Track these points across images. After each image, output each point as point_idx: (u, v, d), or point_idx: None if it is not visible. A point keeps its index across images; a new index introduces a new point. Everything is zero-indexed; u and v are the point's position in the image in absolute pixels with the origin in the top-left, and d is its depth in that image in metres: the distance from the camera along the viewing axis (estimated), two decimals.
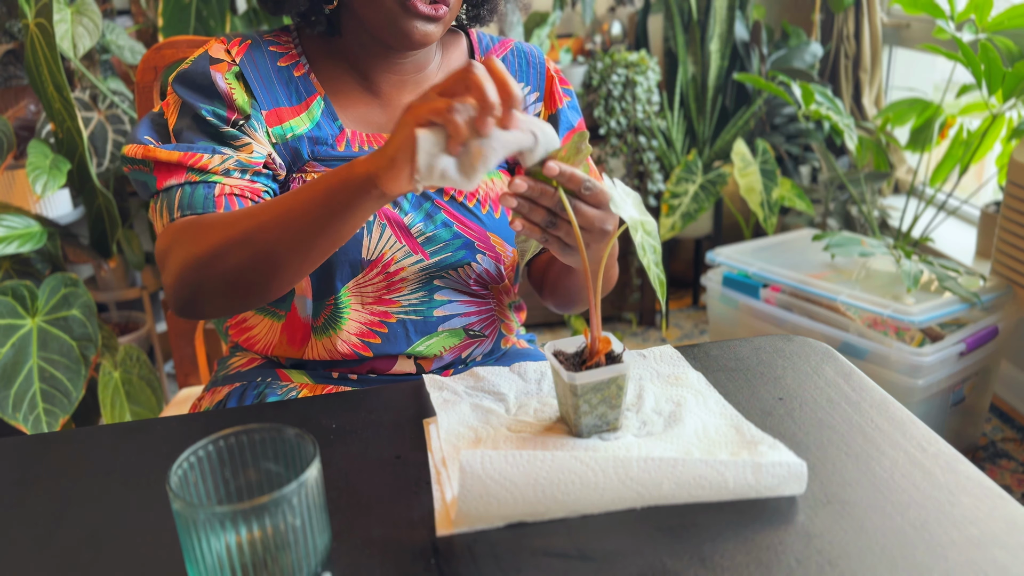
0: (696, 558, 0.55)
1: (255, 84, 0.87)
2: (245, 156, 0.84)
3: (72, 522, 0.63)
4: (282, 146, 0.88)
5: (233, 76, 0.86)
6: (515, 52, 0.99)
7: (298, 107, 0.89)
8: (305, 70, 0.90)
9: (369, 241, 0.87)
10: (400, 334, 0.91)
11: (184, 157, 0.82)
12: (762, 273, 1.96)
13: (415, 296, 0.91)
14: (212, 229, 0.75)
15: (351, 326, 0.90)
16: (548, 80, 0.99)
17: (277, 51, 0.90)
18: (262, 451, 0.59)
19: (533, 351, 1.05)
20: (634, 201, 0.68)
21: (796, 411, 0.72)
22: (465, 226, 0.90)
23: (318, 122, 0.89)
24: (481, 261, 0.91)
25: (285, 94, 0.89)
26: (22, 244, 1.62)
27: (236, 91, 0.86)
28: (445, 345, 0.93)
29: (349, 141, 0.89)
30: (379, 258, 0.87)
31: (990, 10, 1.92)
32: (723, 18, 2.53)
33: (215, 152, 0.83)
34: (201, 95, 0.85)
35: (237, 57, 0.87)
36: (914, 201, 2.46)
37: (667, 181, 2.48)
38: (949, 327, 1.74)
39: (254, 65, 0.88)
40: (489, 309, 0.96)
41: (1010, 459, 1.90)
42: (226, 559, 0.51)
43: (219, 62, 0.87)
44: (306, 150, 0.88)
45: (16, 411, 1.48)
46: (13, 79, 2.21)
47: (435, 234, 0.88)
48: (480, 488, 0.57)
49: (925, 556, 0.54)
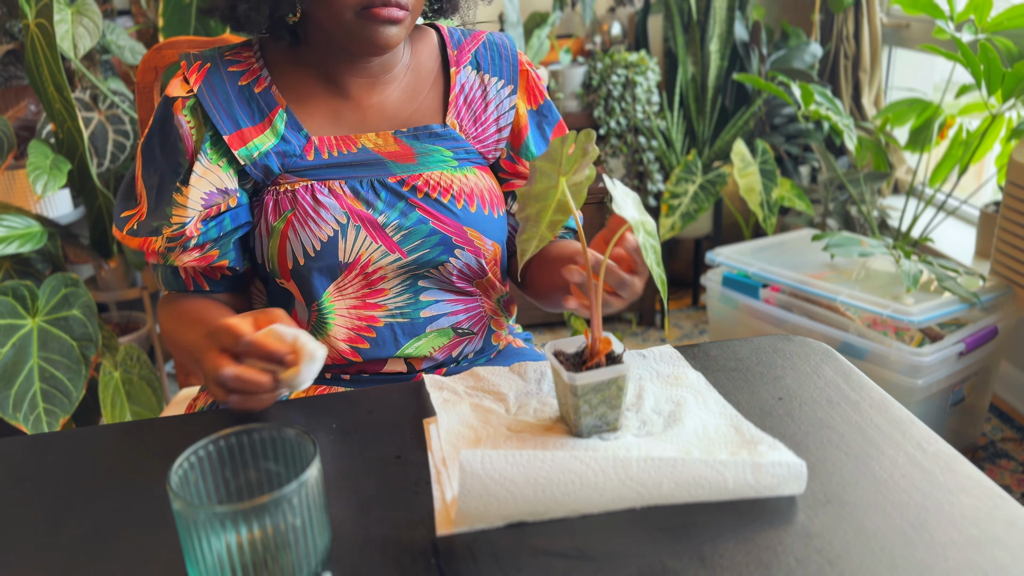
0: (696, 558, 0.55)
1: (213, 112, 0.88)
2: (170, 230, 0.88)
3: (72, 522, 0.63)
4: (251, 165, 0.88)
5: (190, 111, 0.88)
6: (487, 44, 0.98)
7: (261, 124, 0.89)
8: (266, 83, 0.90)
9: (345, 244, 0.87)
10: (388, 338, 0.92)
11: (143, 244, 0.90)
12: (762, 273, 1.96)
13: (401, 299, 0.92)
14: (166, 316, 0.94)
15: (338, 331, 0.91)
16: (522, 72, 0.99)
17: (237, 70, 0.90)
18: (262, 451, 0.59)
19: (529, 350, 1.04)
20: (634, 201, 0.68)
21: (796, 411, 0.72)
22: (441, 222, 0.90)
23: (283, 135, 0.89)
24: (460, 256, 0.91)
25: (247, 114, 0.89)
26: (22, 244, 1.62)
27: (195, 129, 0.88)
28: (434, 345, 0.93)
29: (318, 148, 0.89)
30: (356, 260, 0.88)
31: (990, 10, 1.92)
32: (723, 18, 2.53)
33: (159, 232, 0.89)
34: (162, 151, 0.89)
35: (195, 86, 0.88)
36: (913, 201, 2.46)
37: (667, 181, 2.48)
38: (949, 327, 1.74)
39: (212, 91, 0.88)
40: (476, 306, 0.96)
41: (1010, 459, 1.90)
42: (226, 559, 0.51)
43: (176, 100, 0.88)
44: (275, 164, 0.89)
45: (16, 411, 1.48)
46: (13, 79, 2.21)
47: (411, 231, 0.89)
48: (480, 488, 0.57)
49: (925, 556, 0.54)
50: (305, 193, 0.88)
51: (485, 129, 0.96)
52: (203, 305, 0.92)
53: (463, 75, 0.96)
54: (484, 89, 0.96)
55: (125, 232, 0.92)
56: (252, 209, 0.91)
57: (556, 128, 1.00)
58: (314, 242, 0.87)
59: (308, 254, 0.87)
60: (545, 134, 1.00)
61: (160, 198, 0.89)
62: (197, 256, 0.90)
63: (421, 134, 0.92)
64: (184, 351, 0.88)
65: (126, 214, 0.92)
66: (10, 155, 1.80)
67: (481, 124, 0.96)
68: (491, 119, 0.96)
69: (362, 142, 0.90)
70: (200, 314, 0.89)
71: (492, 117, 0.96)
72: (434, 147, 0.92)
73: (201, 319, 0.88)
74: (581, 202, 0.68)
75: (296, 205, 0.87)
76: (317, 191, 0.88)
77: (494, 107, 0.96)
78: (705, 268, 2.74)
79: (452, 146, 0.93)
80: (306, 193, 0.88)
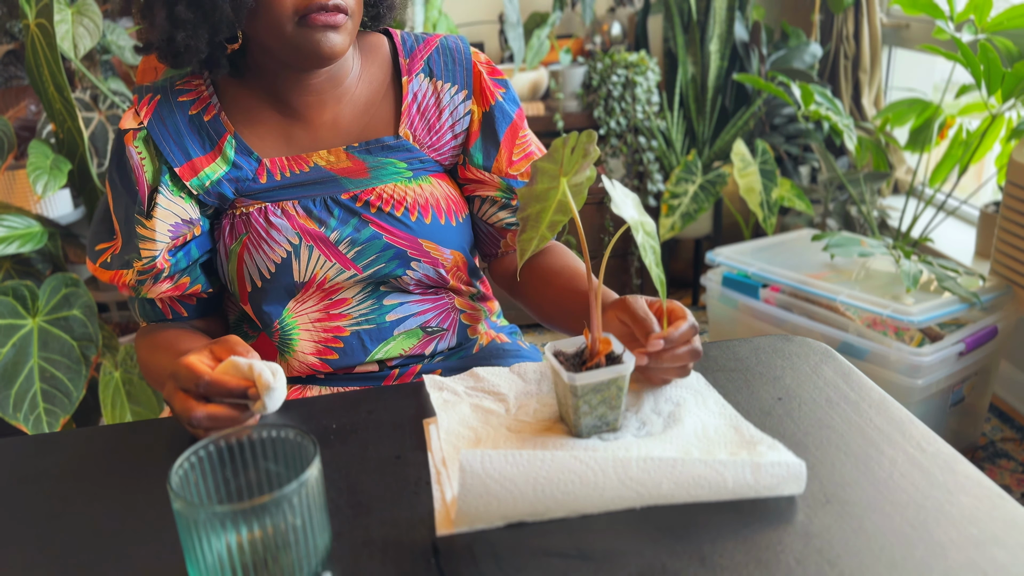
0: (696, 558, 0.55)
1: (163, 144, 0.88)
2: (141, 263, 0.88)
3: (72, 522, 0.63)
4: (205, 194, 0.89)
5: (142, 142, 0.88)
6: (440, 50, 0.96)
7: (212, 153, 0.89)
8: (216, 111, 0.90)
9: (298, 264, 0.88)
10: (356, 346, 0.92)
11: (114, 277, 0.91)
12: (762, 273, 1.96)
13: (364, 306, 0.92)
14: (142, 348, 0.94)
15: (305, 346, 0.91)
16: (476, 76, 0.96)
17: (187, 99, 0.90)
18: (262, 451, 0.59)
19: (513, 345, 1.03)
20: (633, 202, 0.68)
21: (795, 411, 0.72)
22: (395, 235, 0.89)
23: (234, 161, 0.89)
24: (417, 268, 0.91)
25: (197, 143, 0.89)
26: (23, 244, 1.62)
27: (146, 160, 0.88)
28: (404, 347, 0.93)
29: (270, 171, 0.89)
30: (312, 279, 0.89)
31: (989, 10, 1.92)
32: (723, 19, 2.53)
33: (129, 265, 0.89)
34: (122, 183, 0.89)
35: (145, 119, 0.88)
36: (913, 201, 2.46)
37: (667, 181, 2.48)
38: (948, 327, 1.74)
39: (161, 123, 0.88)
40: (444, 303, 0.96)
41: (1009, 459, 1.91)
42: (227, 559, 0.51)
43: (128, 131, 0.88)
44: (229, 191, 0.89)
45: (17, 411, 1.48)
46: (14, 79, 2.21)
47: (365, 246, 0.89)
48: (480, 488, 0.58)
49: (924, 555, 0.54)
50: (259, 216, 0.88)
51: (440, 137, 0.94)
52: (176, 336, 0.92)
53: (415, 83, 0.94)
54: (438, 96, 0.94)
55: (98, 265, 0.92)
56: (212, 233, 0.92)
57: (510, 127, 0.96)
58: (268, 264, 0.88)
59: (264, 276, 0.88)
60: (496, 136, 0.96)
61: (130, 230, 0.89)
62: (169, 286, 0.90)
63: (373, 148, 0.91)
64: (159, 380, 0.89)
65: (100, 247, 0.93)
66: (10, 155, 1.80)
67: (436, 132, 0.94)
68: (446, 126, 0.94)
69: (314, 160, 0.90)
70: (171, 345, 0.89)
71: (447, 124, 0.94)
72: (387, 160, 0.91)
73: (175, 349, 0.87)
74: (582, 203, 0.68)
75: (250, 228, 0.88)
76: (270, 212, 0.88)
77: (448, 114, 0.94)
78: (705, 268, 2.74)
79: (406, 157, 0.92)
80: (259, 216, 0.88)
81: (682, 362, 0.72)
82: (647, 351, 0.70)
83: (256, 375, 0.69)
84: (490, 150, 0.96)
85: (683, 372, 0.74)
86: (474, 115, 0.96)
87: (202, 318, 0.97)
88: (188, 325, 0.96)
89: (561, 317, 0.92)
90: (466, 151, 0.96)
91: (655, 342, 0.69)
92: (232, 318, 1.00)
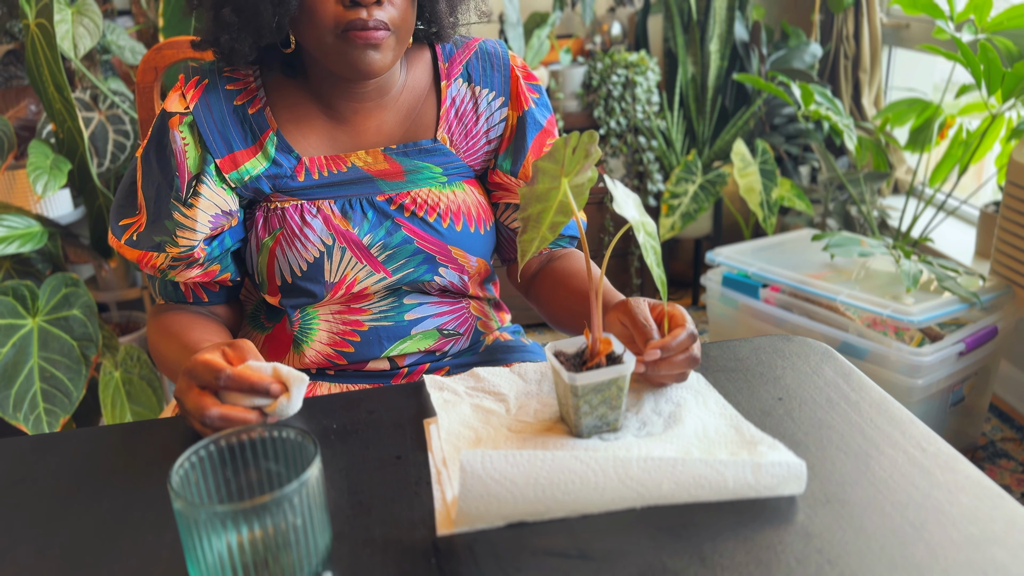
0: (696, 558, 0.55)
1: (207, 133, 0.88)
2: (177, 251, 0.88)
3: (72, 522, 0.63)
4: (242, 188, 0.89)
5: (187, 127, 0.88)
6: (478, 55, 0.96)
7: (253, 147, 0.89)
8: (261, 105, 0.90)
9: (331, 265, 0.88)
10: (373, 340, 0.92)
11: (142, 258, 0.91)
12: (762, 273, 1.96)
13: (384, 303, 0.92)
14: (154, 328, 0.93)
15: (322, 336, 0.92)
16: (513, 81, 0.96)
17: (234, 88, 0.90)
18: (263, 451, 0.59)
19: (516, 341, 1.04)
20: (635, 202, 0.68)
21: (795, 411, 0.73)
22: (426, 241, 0.90)
23: (274, 158, 0.89)
24: (444, 274, 0.92)
25: (240, 135, 0.89)
26: (23, 244, 1.62)
27: (189, 147, 0.88)
28: (420, 347, 0.94)
29: (308, 169, 0.89)
30: (342, 280, 0.89)
31: (989, 10, 1.92)
32: (723, 18, 2.53)
33: (162, 249, 0.89)
34: (159, 165, 0.89)
35: (191, 103, 0.88)
36: (913, 201, 2.46)
37: (667, 181, 2.48)
38: (948, 327, 1.74)
39: (208, 111, 0.88)
40: (462, 308, 0.97)
41: (1009, 459, 1.91)
42: (227, 558, 0.51)
43: (174, 115, 0.88)
44: (266, 186, 0.89)
45: (17, 411, 1.48)
46: (14, 79, 2.21)
47: (396, 250, 0.89)
48: (480, 488, 0.58)
49: (924, 555, 0.54)
50: (294, 213, 0.88)
51: (476, 142, 0.95)
52: (188, 322, 0.91)
53: (454, 88, 0.94)
54: (475, 102, 0.94)
55: (123, 242, 0.91)
56: (244, 222, 0.92)
57: (540, 134, 0.96)
58: (300, 263, 0.88)
59: (296, 273, 0.88)
60: (525, 142, 0.95)
61: (158, 210, 0.89)
62: (199, 272, 0.91)
63: (411, 151, 0.91)
64: (167, 366, 0.89)
65: (125, 222, 0.92)
66: (10, 155, 1.80)
67: (472, 137, 0.94)
68: (481, 132, 0.95)
69: (352, 160, 0.90)
70: (182, 333, 0.89)
71: (483, 130, 0.95)
72: (423, 164, 0.92)
73: (185, 338, 0.87)
74: (583, 203, 0.68)
75: (284, 224, 0.88)
76: (306, 211, 0.88)
77: (484, 120, 0.95)
78: (705, 268, 2.74)
79: (442, 161, 0.92)
80: (295, 213, 0.88)
81: (680, 370, 0.72)
82: (644, 360, 0.70)
83: (284, 374, 0.70)
84: (518, 156, 0.96)
85: (681, 379, 0.74)
86: (509, 121, 0.96)
87: (220, 305, 0.97)
88: (205, 310, 0.95)
89: (570, 320, 0.93)
90: (496, 156, 0.96)
91: (652, 352, 0.69)
92: (250, 308, 1.00)
